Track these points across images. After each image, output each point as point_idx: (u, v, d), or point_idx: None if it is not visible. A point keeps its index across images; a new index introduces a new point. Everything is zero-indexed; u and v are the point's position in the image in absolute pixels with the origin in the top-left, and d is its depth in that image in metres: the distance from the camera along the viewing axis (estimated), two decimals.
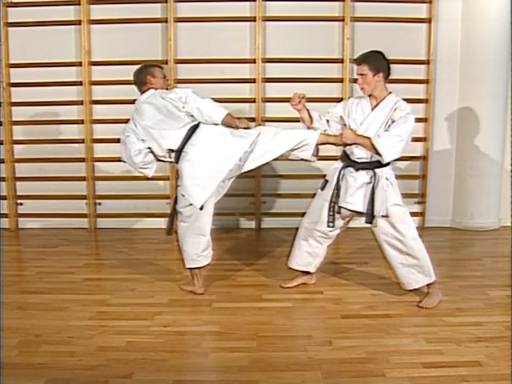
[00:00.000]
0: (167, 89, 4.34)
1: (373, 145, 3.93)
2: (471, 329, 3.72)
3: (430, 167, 6.70)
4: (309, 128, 4.27)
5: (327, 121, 4.27)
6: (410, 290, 4.23)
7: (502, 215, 6.81)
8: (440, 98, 6.61)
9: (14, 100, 6.53)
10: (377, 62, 4.03)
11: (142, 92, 4.32)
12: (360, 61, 4.07)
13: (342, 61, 6.33)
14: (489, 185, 6.60)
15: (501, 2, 6.25)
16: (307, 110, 4.22)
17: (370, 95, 4.12)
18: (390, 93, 4.12)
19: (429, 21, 6.43)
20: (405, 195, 6.23)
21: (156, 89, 4.27)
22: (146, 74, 4.30)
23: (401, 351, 3.41)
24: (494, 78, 6.38)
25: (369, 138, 3.97)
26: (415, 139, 6.55)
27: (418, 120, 6.48)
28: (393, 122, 3.96)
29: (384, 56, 4.08)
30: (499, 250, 6.10)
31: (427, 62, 6.51)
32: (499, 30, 6.28)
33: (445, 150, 6.70)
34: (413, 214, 6.49)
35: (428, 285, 4.16)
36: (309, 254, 4.47)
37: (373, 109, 4.08)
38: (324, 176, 4.37)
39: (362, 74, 4.02)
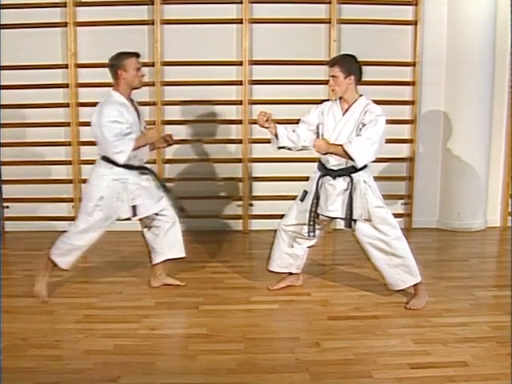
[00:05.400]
0: (140, 81, 4.24)
1: (345, 151, 3.95)
2: (458, 329, 3.75)
3: (417, 168, 6.73)
4: (279, 148, 4.31)
5: (293, 131, 4.24)
6: (397, 291, 4.25)
7: (488, 216, 6.86)
8: (426, 99, 6.63)
9: (0, 102, 6.48)
10: (349, 64, 4.06)
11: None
12: (332, 63, 4.11)
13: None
14: (475, 186, 6.63)
15: (486, 5, 6.29)
16: (275, 126, 4.22)
17: (340, 98, 4.14)
18: (361, 95, 4.12)
19: (415, 23, 6.45)
20: (391, 196, 6.33)
21: (127, 83, 4.19)
22: (117, 68, 4.20)
23: (388, 352, 3.43)
24: (480, 80, 6.42)
25: (341, 145, 3.98)
26: (401, 141, 6.60)
27: (404, 122, 6.58)
28: (363, 125, 3.98)
29: (356, 60, 4.11)
30: (486, 251, 6.14)
31: (413, 64, 6.54)
32: (484, 32, 6.33)
33: (431, 151, 6.73)
34: (399, 215, 6.58)
35: (414, 286, 4.18)
36: (289, 255, 4.47)
37: (344, 113, 4.10)
38: (308, 179, 4.38)
39: (333, 76, 4.05)
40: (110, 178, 4.20)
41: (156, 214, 4.47)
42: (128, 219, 4.35)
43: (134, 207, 4.26)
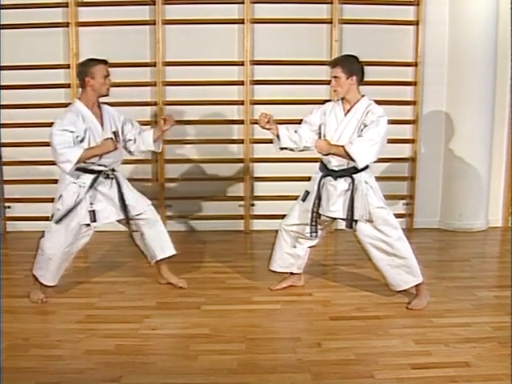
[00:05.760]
0: (108, 89, 4.21)
1: (346, 152, 3.94)
2: (459, 330, 3.75)
3: (419, 169, 6.72)
4: (281, 149, 4.29)
5: (295, 131, 4.24)
6: (399, 291, 4.25)
7: (490, 216, 6.85)
8: (428, 99, 6.63)
9: (1, 102, 6.48)
10: (351, 65, 4.06)
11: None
12: (334, 63, 4.11)
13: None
14: (477, 186, 6.63)
15: (488, 5, 6.28)
16: (277, 127, 4.21)
17: (342, 99, 4.14)
18: (363, 96, 4.13)
19: (416, 23, 6.44)
20: (393, 196, 6.33)
21: (94, 90, 4.16)
22: (85, 76, 4.15)
23: (389, 352, 3.43)
24: (481, 80, 6.41)
25: (342, 146, 3.98)
26: (403, 141, 6.60)
27: (405, 122, 6.57)
28: (365, 126, 3.97)
29: (358, 60, 4.11)
30: (487, 251, 6.14)
31: (415, 64, 6.53)
32: (486, 32, 6.32)
33: (433, 151, 6.72)
34: (401, 216, 6.57)
35: (416, 286, 4.18)
36: (290, 255, 4.48)
37: (346, 114, 4.10)
38: (310, 179, 4.38)
39: (335, 77, 4.05)
40: (69, 180, 4.18)
41: (133, 219, 4.46)
42: (89, 225, 4.27)
43: (93, 213, 4.22)
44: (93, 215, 4.21)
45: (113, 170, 4.35)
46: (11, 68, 6.36)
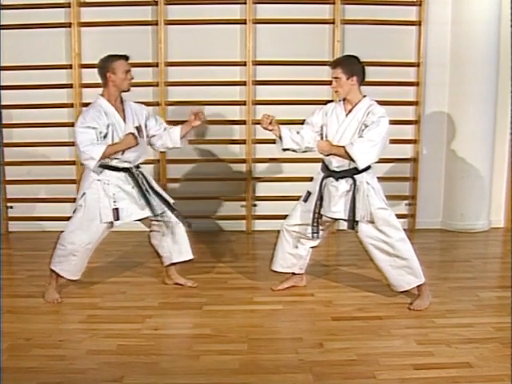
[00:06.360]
0: (129, 84, 4.24)
1: (347, 153, 3.94)
2: (461, 330, 3.74)
3: (421, 169, 6.71)
4: (283, 150, 4.28)
5: (297, 132, 4.23)
6: (401, 292, 4.25)
7: (492, 217, 6.84)
8: (430, 100, 6.62)
9: (3, 103, 6.49)
10: (351, 65, 4.06)
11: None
12: (335, 64, 4.11)
13: None
14: (479, 186, 6.62)
15: (490, 5, 6.28)
16: (279, 128, 4.21)
17: (344, 99, 4.14)
18: (365, 96, 4.12)
19: (419, 23, 6.44)
20: (395, 197, 6.33)
21: (115, 86, 4.20)
22: (106, 71, 4.20)
23: (391, 353, 3.43)
24: (484, 81, 6.41)
25: (343, 146, 3.98)
26: (405, 141, 6.59)
27: (407, 122, 6.57)
28: (366, 126, 3.97)
29: (359, 60, 4.11)
30: (489, 252, 6.14)
31: (417, 65, 6.52)
32: (488, 33, 6.31)
33: (435, 152, 6.71)
34: (403, 216, 6.56)
35: (418, 287, 4.18)
36: (292, 255, 4.48)
37: (347, 114, 4.10)
38: (311, 179, 4.38)
39: (336, 78, 4.05)
40: (93, 178, 4.22)
41: (154, 220, 4.49)
42: (112, 224, 4.32)
43: (116, 211, 4.25)
44: (116, 213, 4.25)
45: (137, 167, 4.38)
46: (13, 68, 6.37)
